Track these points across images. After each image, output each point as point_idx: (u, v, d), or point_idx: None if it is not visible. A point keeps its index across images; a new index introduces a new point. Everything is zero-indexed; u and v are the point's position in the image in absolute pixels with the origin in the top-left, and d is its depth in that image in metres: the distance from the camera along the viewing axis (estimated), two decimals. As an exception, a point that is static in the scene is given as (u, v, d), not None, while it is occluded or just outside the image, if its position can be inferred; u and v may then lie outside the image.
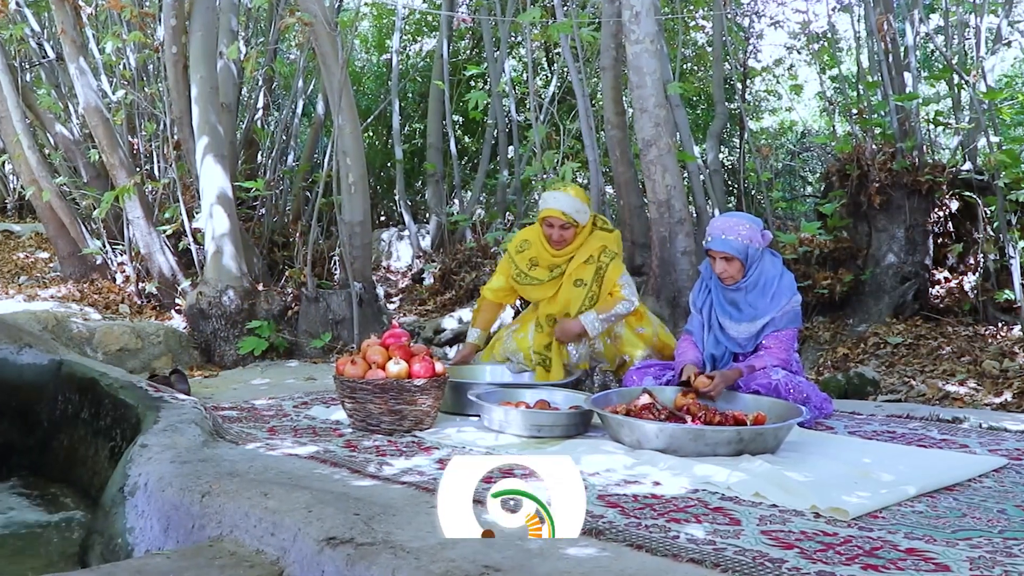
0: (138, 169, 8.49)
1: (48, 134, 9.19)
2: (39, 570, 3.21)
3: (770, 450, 3.74)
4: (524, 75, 9.87)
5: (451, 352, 7.61)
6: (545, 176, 7.64)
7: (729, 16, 10.40)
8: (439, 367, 4.40)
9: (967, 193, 6.98)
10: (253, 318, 7.20)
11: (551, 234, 5.34)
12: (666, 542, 2.61)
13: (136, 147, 8.91)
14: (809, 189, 13.61)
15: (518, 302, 6.29)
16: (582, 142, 7.83)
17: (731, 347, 4.72)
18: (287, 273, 8.27)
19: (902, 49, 7.62)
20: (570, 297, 5.36)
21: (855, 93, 8.37)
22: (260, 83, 10.88)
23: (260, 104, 11.03)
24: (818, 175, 13.06)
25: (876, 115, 7.47)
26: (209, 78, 7.57)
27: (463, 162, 12.81)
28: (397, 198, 11.47)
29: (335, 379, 4.41)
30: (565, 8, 7.70)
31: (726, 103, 9.98)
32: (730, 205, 9.90)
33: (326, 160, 8.82)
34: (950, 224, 7.31)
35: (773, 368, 4.50)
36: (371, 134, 13.33)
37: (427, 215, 11.17)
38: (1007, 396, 5.33)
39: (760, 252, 4.65)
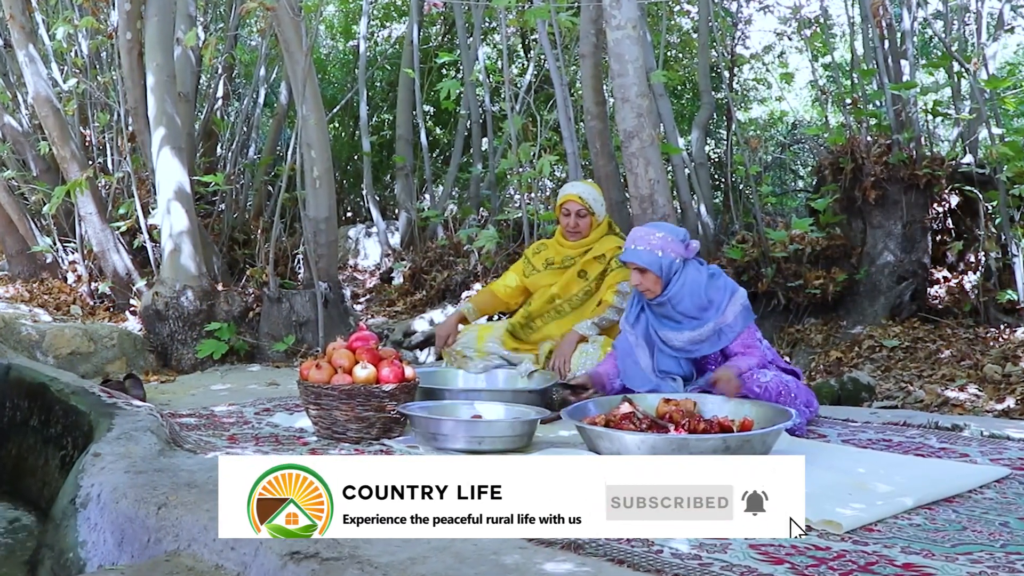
0: (91, 162, 8.44)
1: (-6, 125, 9.15)
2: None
3: (759, 457, 3.75)
4: (499, 63, 9.86)
5: (422, 356, 7.60)
6: (521, 169, 7.63)
7: (716, 0, 10.42)
8: (409, 372, 4.39)
9: (968, 188, 6.98)
10: (212, 320, 7.17)
11: (567, 222, 5.55)
12: (649, 557, 2.61)
13: (88, 139, 8.86)
14: (800, 183, 13.64)
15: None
16: (560, 134, 7.83)
17: (680, 356, 4.74)
18: (248, 272, 8.24)
19: (899, 35, 7.65)
20: (569, 283, 5.53)
21: (849, 82, 8.41)
22: (220, 71, 10.83)
23: (220, 94, 10.98)
24: (810, 168, 13.11)
25: (871, 105, 7.47)
26: (166, 66, 7.51)
27: (434, 155, 12.79)
28: (364, 193, 11.45)
29: (299, 384, 4.40)
30: (543, -8, 7.68)
31: (713, 92, 9.98)
32: (716, 200, 9.91)
33: (289, 153, 8.81)
34: (949, 220, 7.33)
35: (760, 371, 4.52)
36: (337, 125, 13.28)
37: (396, 211, 11.13)
38: (1010, 402, 5.35)
39: (681, 263, 4.65)
